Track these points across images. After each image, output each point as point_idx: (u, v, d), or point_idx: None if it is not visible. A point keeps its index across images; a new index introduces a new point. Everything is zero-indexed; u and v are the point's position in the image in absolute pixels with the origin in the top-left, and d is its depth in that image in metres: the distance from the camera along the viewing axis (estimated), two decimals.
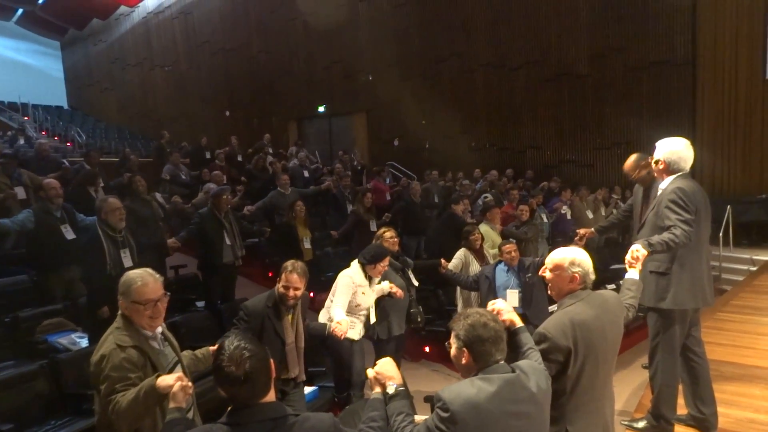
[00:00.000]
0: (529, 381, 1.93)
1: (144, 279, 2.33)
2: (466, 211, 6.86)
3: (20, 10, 20.24)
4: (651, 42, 11.53)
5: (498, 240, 5.72)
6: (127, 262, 4.16)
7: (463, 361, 1.94)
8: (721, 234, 9.07)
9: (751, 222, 10.02)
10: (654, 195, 3.43)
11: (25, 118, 20.13)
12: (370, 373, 1.84)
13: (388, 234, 4.53)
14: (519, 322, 2.32)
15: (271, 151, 12.60)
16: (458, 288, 5.40)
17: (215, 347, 2.69)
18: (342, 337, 3.43)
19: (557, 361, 2.28)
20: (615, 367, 2.50)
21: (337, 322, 3.45)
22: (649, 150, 3.82)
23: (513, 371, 1.93)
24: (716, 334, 4.94)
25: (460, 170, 12.00)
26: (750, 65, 10.48)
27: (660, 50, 11.47)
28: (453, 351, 1.99)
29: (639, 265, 2.81)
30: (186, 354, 2.65)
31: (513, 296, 4.55)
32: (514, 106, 13.44)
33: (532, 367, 2.03)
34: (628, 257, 2.84)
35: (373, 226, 6.73)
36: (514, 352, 2.28)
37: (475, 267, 5.24)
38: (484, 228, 5.79)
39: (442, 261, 4.97)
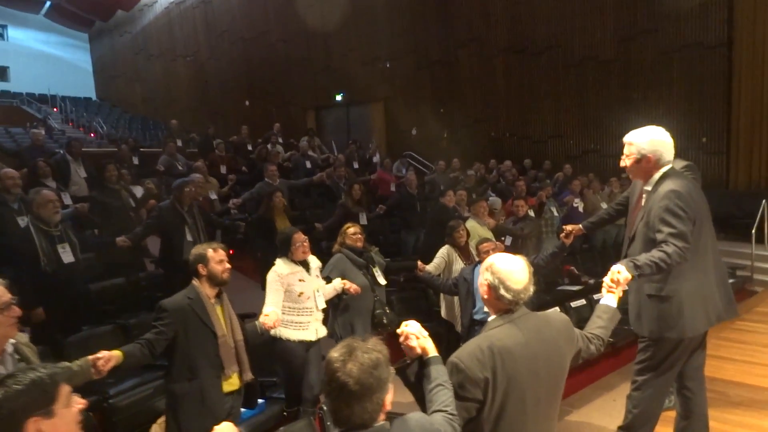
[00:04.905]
0: None
1: None
2: (462, 202, 6.35)
3: (48, 3, 20.50)
4: (682, 23, 10.64)
5: (487, 236, 5.21)
6: (67, 257, 3.86)
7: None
8: (754, 230, 8.29)
9: None
10: (639, 196, 2.88)
11: (54, 109, 20.47)
12: None
13: (351, 230, 4.14)
14: (432, 351, 1.86)
15: (281, 140, 12.30)
16: None
17: (94, 356, 2.34)
18: (275, 325, 3.14)
19: (474, 399, 1.81)
20: (559, 409, 2.02)
21: (265, 314, 3.14)
22: (680, 137, 3.22)
23: None
24: (729, 348, 4.34)
25: (478, 160, 11.45)
26: None
27: (692, 32, 10.57)
28: None
29: (619, 291, 2.28)
30: (61, 367, 2.28)
31: None
32: (535, 93, 12.72)
33: (422, 428, 1.57)
34: (606, 279, 2.31)
35: (362, 219, 6.32)
36: (422, 387, 1.84)
37: (459, 265, 4.77)
38: (470, 223, 5.30)
39: (419, 263, 4.51)
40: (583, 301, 5.66)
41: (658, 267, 2.40)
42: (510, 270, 1.91)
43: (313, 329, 3.58)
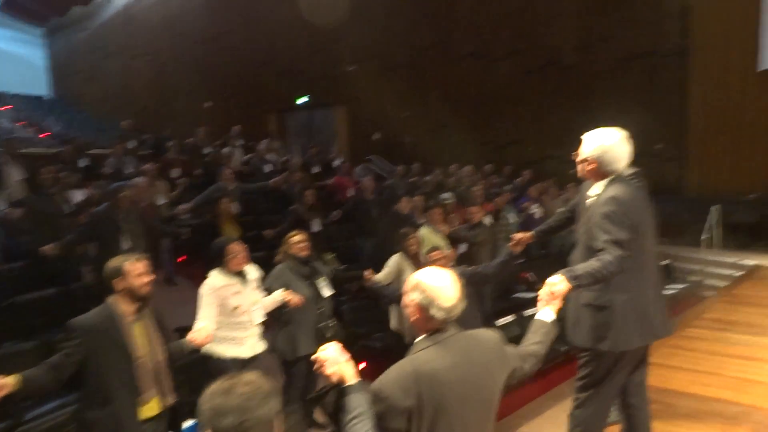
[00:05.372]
0: None
1: None
2: (417, 208, 6.23)
3: None
4: (640, 31, 10.81)
5: (441, 243, 5.08)
6: None
7: None
8: (703, 237, 8.43)
9: (740, 223, 9.35)
10: (584, 202, 2.78)
11: (3, 108, 19.60)
12: None
13: (296, 238, 3.97)
14: (351, 378, 1.70)
15: (240, 143, 11.98)
16: None
17: None
18: (205, 342, 2.91)
19: (397, 430, 1.67)
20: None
21: (194, 330, 2.93)
22: (636, 143, 3.13)
23: None
24: (678, 356, 4.31)
25: (440, 165, 11.37)
26: (743, 57, 9.76)
27: (650, 40, 10.75)
28: None
29: (556, 304, 2.17)
30: None
31: None
32: (497, 97, 12.75)
33: None
34: (542, 292, 2.20)
35: (315, 226, 6.14)
36: (339, 419, 1.68)
37: (410, 274, 4.63)
38: (424, 231, 5.17)
39: (366, 272, 4.34)
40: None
41: (596, 277, 2.31)
42: (440, 286, 1.78)
43: (250, 345, 3.38)
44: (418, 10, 13.58)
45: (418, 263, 4.70)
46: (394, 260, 4.65)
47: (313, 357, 1.74)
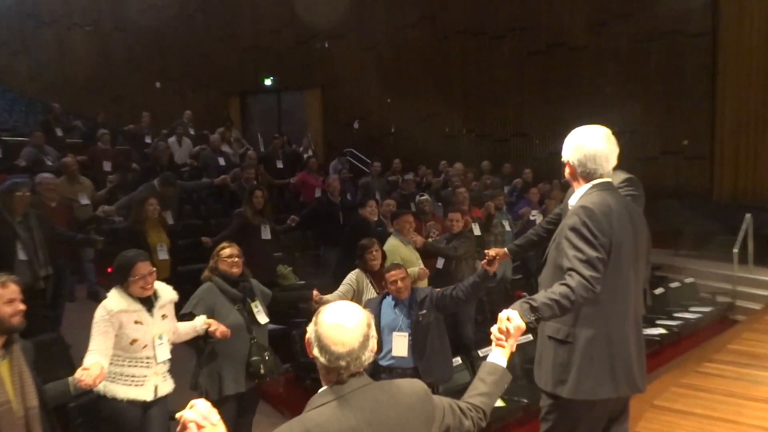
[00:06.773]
0: None
1: None
2: (389, 214, 6.08)
3: None
4: (663, 7, 10.75)
5: (412, 257, 4.95)
6: None
7: None
8: (736, 249, 8.34)
9: None
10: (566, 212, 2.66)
11: None
12: None
13: (226, 252, 3.80)
14: None
15: (192, 132, 11.81)
16: None
17: None
18: (95, 383, 2.76)
19: None
20: None
21: (83, 368, 2.77)
22: (658, 139, 2.99)
23: None
24: (689, 398, 4.18)
25: (428, 161, 11.27)
26: None
27: (673, 18, 10.70)
28: None
29: (511, 344, 2.03)
30: None
31: (401, 342, 3.79)
32: (496, 83, 12.68)
33: None
34: (494, 329, 2.07)
35: (265, 233, 5.98)
36: None
37: (371, 294, 4.48)
38: (392, 242, 5.02)
39: (314, 293, 4.17)
40: (530, 337, 5.44)
41: (561, 306, 2.17)
42: (334, 324, 1.64)
43: (151, 386, 3.15)
44: None
45: (380, 281, 4.55)
46: (352, 277, 4.50)
47: (177, 415, 1.58)
